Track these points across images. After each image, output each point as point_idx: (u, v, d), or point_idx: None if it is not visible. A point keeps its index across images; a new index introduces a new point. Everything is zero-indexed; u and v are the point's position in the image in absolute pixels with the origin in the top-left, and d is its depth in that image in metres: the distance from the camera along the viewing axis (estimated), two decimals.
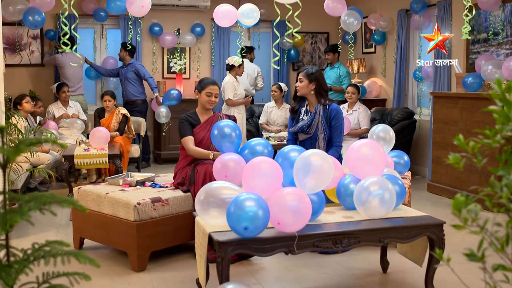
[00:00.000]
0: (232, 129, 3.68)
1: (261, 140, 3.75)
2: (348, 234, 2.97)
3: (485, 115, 5.52)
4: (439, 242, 3.12)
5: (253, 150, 3.62)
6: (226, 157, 3.54)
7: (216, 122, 4.19)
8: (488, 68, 5.66)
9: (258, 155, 3.48)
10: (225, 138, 3.64)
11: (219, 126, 3.69)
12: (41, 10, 5.66)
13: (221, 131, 3.66)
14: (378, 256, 3.78)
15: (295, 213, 2.81)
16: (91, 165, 5.86)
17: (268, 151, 3.64)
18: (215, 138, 3.68)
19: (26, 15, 5.66)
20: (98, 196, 3.98)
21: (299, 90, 4.31)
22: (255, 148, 3.63)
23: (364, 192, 3.13)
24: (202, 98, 4.21)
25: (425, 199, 6.03)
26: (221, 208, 2.89)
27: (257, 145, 3.66)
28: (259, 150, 3.61)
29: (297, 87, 4.33)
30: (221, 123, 3.72)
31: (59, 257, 1.80)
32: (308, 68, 4.37)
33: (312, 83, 4.27)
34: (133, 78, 7.76)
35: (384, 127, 4.12)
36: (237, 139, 3.68)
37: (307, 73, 4.29)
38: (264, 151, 3.61)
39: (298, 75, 4.35)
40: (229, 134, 3.65)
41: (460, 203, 1.42)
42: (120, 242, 3.84)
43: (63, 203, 1.78)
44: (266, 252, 2.83)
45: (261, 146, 3.65)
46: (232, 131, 3.67)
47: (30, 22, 5.69)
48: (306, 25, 9.13)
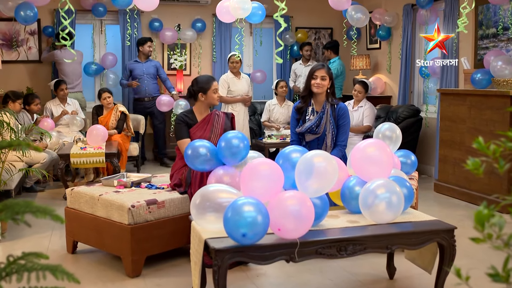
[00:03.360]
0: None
1: (238, 133, 3.43)
2: (353, 241, 2.80)
3: (495, 113, 5.33)
4: (449, 248, 2.94)
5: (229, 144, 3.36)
6: (220, 171, 3.33)
7: (214, 121, 4.03)
8: (498, 64, 5.47)
9: (234, 149, 3.27)
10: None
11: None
12: (33, 4, 5.45)
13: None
14: (384, 261, 3.60)
15: (297, 218, 2.63)
16: (87, 164, 5.69)
17: (244, 145, 3.36)
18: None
19: (18, 10, 5.46)
20: (91, 197, 3.81)
21: (322, 88, 4.03)
22: (231, 141, 3.36)
23: (370, 195, 2.95)
24: (210, 98, 4.02)
25: (432, 199, 5.84)
26: (218, 213, 2.72)
27: (233, 138, 3.36)
28: (235, 143, 3.34)
29: (318, 84, 4.02)
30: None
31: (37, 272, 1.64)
32: (322, 64, 4.15)
33: (331, 81, 4.08)
34: (154, 74, 7.62)
35: (390, 126, 3.94)
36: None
37: (329, 71, 4.07)
38: (240, 145, 3.36)
39: (318, 72, 4.03)
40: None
41: (484, 217, 1.24)
42: (114, 246, 3.67)
43: (37, 213, 1.60)
44: (266, 260, 2.66)
45: (237, 140, 3.35)
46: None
47: (22, 18, 5.49)
48: (309, 20, 8.97)
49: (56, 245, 4.23)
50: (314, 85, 4.04)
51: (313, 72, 4.07)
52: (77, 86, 7.61)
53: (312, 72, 4.08)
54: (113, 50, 8.23)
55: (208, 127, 4.01)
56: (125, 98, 8.07)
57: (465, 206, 5.53)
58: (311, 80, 4.07)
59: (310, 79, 4.08)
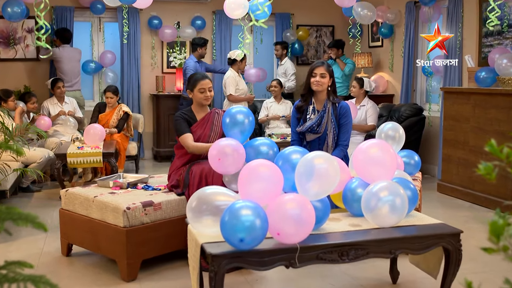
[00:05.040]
0: (245, 115, 3.42)
1: (266, 140, 3.44)
2: (355, 245, 2.69)
3: (499, 112, 5.22)
4: (455, 253, 2.84)
5: (257, 150, 3.33)
6: (223, 142, 3.25)
7: (214, 119, 3.93)
8: (503, 62, 5.36)
9: (262, 156, 3.19)
10: (236, 126, 3.37)
11: (231, 113, 3.42)
12: (21, 1, 5.30)
13: (233, 118, 3.39)
14: (387, 265, 3.49)
15: (297, 222, 2.52)
16: (84, 164, 5.58)
17: (273, 152, 3.35)
18: (226, 125, 3.41)
19: (5, 7, 5.29)
20: (86, 199, 3.71)
21: (322, 86, 3.93)
22: (259, 148, 3.34)
23: (373, 198, 2.84)
24: (196, 97, 3.92)
25: (435, 200, 5.73)
26: (215, 216, 2.61)
27: (262, 145, 3.36)
28: (264, 151, 3.32)
29: (318, 82, 3.92)
30: (233, 110, 3.44)
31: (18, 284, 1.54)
32: (323, 62, 4.05)
33: (331, 78, 3.97)
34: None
35: (393, 125, 3.83)
36: (249, 126, 3.42)
37: (328, 68, 3.96)
38: (269, 152, 3.33)
39: (317, 70, 3.93)
40: (242, 121, 3.39)
41: (500, 228, 1.13)
42: (109, 249, 3.56)
43: (18, 221, 1.49)
44: (265, 265, 2.55)
45: (265, 147, 3.35)
46: (245, 118, 3.40)
47: (9, 14, 5.33)
48: (310, 18, 8.85)
49: (51, 247, 4.13)
50: (314, 83, 3.94)
51: (312, 70, 3.97)
52: (75, 85, 7.50)
53: (311, 70, 3.98)
54: (111, 48, 8.11)
55: (208, 126, 3.91)
56: (123, 96, 7.96)
57: (469, 207, 5.42)
58: (310, 78, 3.97)
59: (309, 77, 3.98)
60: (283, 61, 8.10)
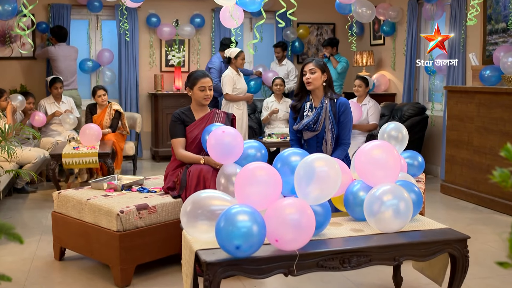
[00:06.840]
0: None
1: (254, 143, 3.36)
2: (357, 252, 2.56)
3: (505, 111, 5.09)
4: (462, 259, 2.71)
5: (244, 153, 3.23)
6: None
7: (214, 120, 3.81)
8: (508, 60, 5.23)
9: (250, 160, 3.08)
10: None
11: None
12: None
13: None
14: (390, 271, 3.36)
15: (296, 228, 2.40)
16: (80, 164, 5.46)
17: (261, 154, 3.25)
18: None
19: None
20: (78, 202, 3.59)
21: (312, 82, 3.81)
22: (246, 151, 3.24)
23: (376, 202, 2.71)
24: (196, 95, 3.80)
25: (439, 201, 5.61)
26: (210, 221, 2.49)
27: (249, 148, 3.26)
28: (251, 153, 3.22)
29: (308, 79, 3.81)
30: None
31: None
32: (314, 58, 3.95)
33: (324, 73, 3.85)
34: None
35: (396, 125, 3.72)
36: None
37: (318, 63, 3.84)
38: (257, 154, 3.22)
39: (306, 67, 3.84)
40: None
41: None
42: (102, 254, 3.44)
43: None
44: (262, 273, 2.43)
45: (253, 150, 3.25)
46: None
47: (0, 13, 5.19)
48: (311, 16, 8.71)
49: (44, 251, 4.01)
50: (305, 82, 3.85)
51: (302, 68, 3.91)
52: (72, 83, 7.37)
53: (301, 68, 3.92)
54: (109, 46, 7.99)
55: (206, 126, 3.77)
56: (121, 95, 7.85)
57: (473, 208, 5.29)
58: (302, 77, 3.88)
59: (301, 76, 3.89)
60: (283, 61, 7.96)
